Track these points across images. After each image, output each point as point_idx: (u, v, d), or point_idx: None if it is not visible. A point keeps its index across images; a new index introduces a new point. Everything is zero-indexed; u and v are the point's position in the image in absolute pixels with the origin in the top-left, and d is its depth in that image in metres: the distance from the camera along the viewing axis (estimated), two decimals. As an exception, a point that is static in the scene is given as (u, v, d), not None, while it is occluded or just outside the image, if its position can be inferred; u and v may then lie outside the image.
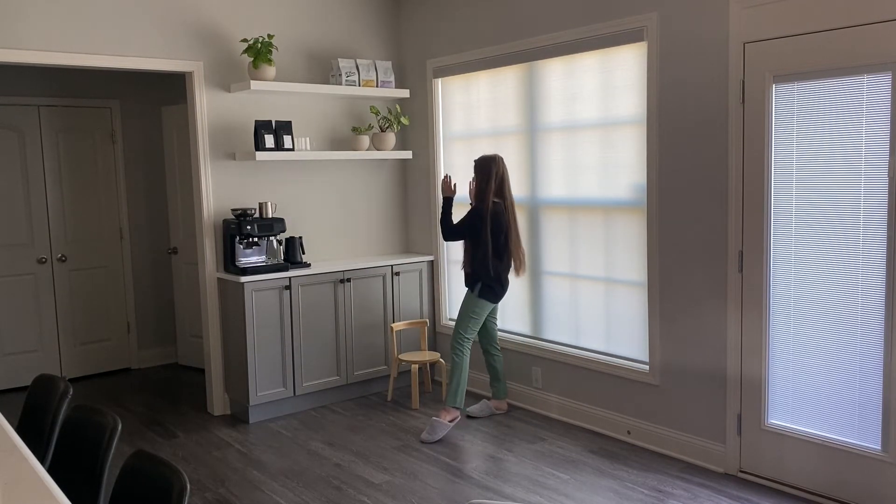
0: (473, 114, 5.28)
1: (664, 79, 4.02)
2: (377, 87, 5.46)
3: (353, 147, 5.50)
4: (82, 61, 4.46)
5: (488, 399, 4.99)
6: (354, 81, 5.33)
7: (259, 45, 4.82)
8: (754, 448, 3.80)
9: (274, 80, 4.97)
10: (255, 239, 4.91)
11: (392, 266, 5.45)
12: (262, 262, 4.98)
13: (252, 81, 4.81)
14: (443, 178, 4.79)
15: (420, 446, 4.41)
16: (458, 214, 4.98)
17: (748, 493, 3.68)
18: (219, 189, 4.99)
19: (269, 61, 4.87)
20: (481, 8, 5.05)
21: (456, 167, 5.45)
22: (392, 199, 5.83)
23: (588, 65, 4.46)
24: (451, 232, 4.62)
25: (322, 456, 4.32)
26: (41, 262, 5.92)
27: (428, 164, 5.64)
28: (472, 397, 5.22)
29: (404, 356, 5.25)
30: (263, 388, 4.90)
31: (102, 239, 6.20)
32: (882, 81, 3.19)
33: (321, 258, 5.47)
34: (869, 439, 3.39)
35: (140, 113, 6.30)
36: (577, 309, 4.71)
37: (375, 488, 3.86)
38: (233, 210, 4.91)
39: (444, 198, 4.69)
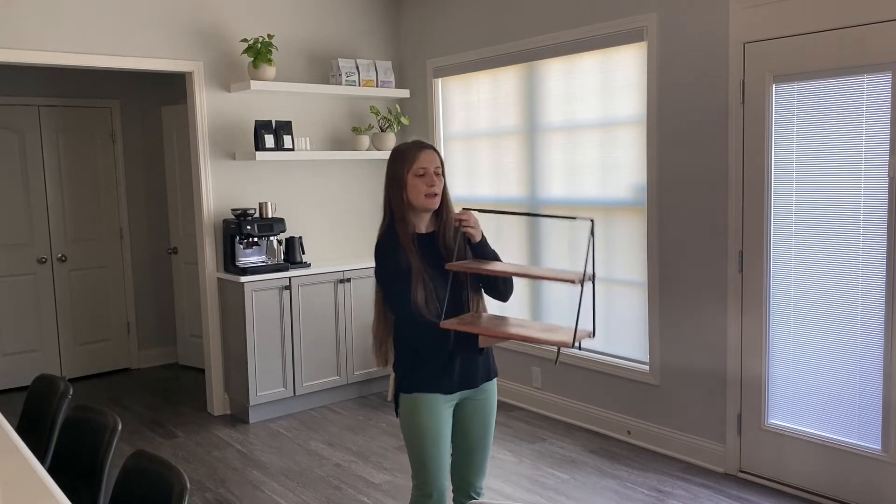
0: (473, 114, 5.28)
1: (664, 79, 4.02)
2: (377, 87, 5.46)
3: (353, 147, 5.50)
4: (82, 61, 4.46)
5: None
6: (354, 81, 5.33)
7: (259, 45, 4.82)
8: (754, 448, 3.80)
9: (274, 80, 4.97)
10: (255, 239, 4.91)
11: (392, 266, 5.45)
12: (262, 262, 4.98)
13: (252, 81, 4.81)
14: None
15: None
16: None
17: (748, 493, 3.67)
18: (219, 189, 4.99)
19: (269, 61, 4.87)
20: (481, 8, 5.04)
21: (456, 167, 5.45)
22: (392, 199, 5.82)
23: (588, 65, 4.46)
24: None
25: (322, 456, 4.32)
26: (41, 262, 5.91)
27: (428, 164, 5.62)
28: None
29: (404, 356, 5.24)
30: (263, 388, 4.90)
31: (102, 239, 6.20)
32: (882, 81, 3.19)
33: (321, 258, 5.47)
34: (869, 439, 3.39)
35: (140, 113, 6.30)
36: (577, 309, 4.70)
37: (375, 488, 3.86)
38: (233, 210, 4.91)
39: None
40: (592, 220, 2.20)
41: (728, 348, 3.85)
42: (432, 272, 2.42)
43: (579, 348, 2.30)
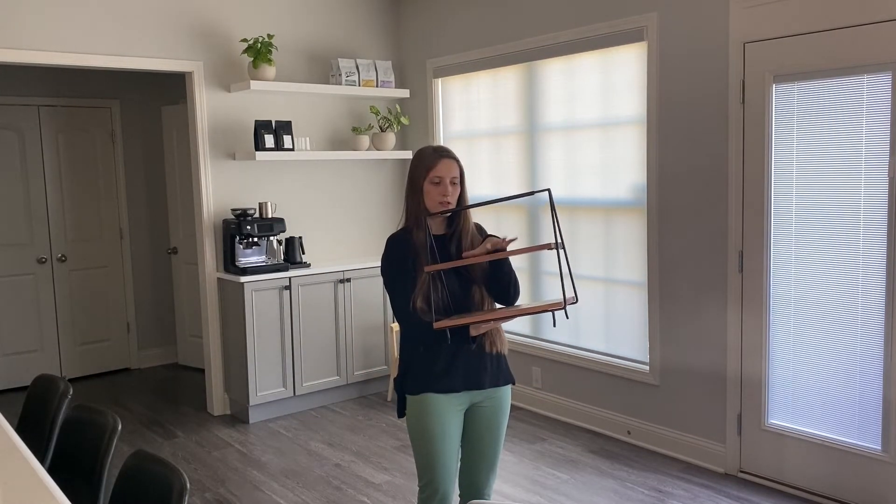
0: (473, 114, 5.28)
1: (664, 78, 4.02)
2: (377, 87, 5.46)
3: (353, 147, 5.50)
4: (82, 61, 4.46)
5: None
6: (354, 81, 5.33)
7: (259, 45, 4.82)
8: (754, 448, 3.80)
9: (274, 80, 4.97)
10: (255, 239, 4.91)
11: (392, 266, 5.45)
12: (262, 262, 4.98)
13: (252, 81, 4.81)
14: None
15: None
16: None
17: (748, 493, 3.67)
18: (219, 189, 4.99)
19: (269, 61, 4.87)
20: (481, 8, 5.04)
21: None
22: (392, 199, 5.82)
23: (588, 65, 4.46)
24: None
25: (322, 456, 4.32)
26: (41, 262, 5.91)
27: (428, 164, 5.63)
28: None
29: (404, 356, 5.24)
30: (263, 388, 4.90)
31: (102, 239, 6.20)
32: (882, 81, 3.19)
33: (321, 258, 5.47)
34: (869, 439, 3.39)
35: (140, 113, 6.30)
36: (578, 309, 4.70)
37: (375, 488, 3.86)
38: (233, 210, 4.91)
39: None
40: (549, 190, 2.24)
41: (728, 348, 3.85)
42: (440, 274, 2.43)
43: (566, 316, 2.35)
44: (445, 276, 2.45)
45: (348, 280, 5.22)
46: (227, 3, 4.98)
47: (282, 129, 5.01)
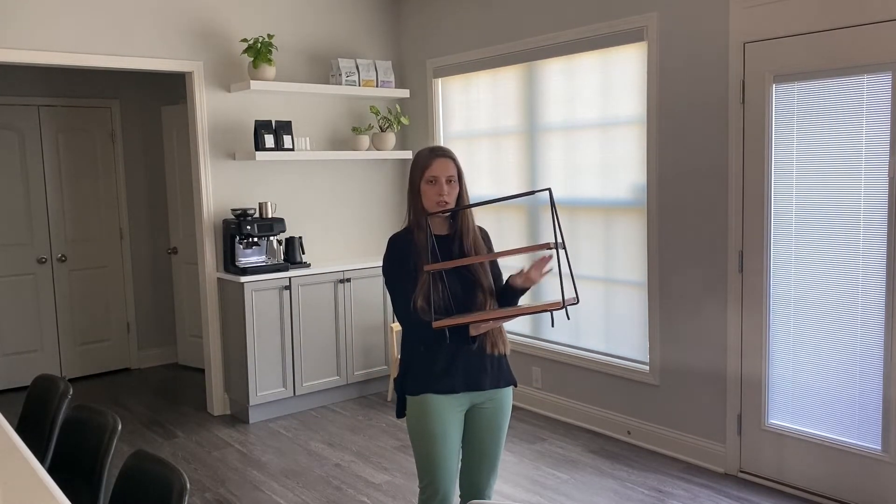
0: (473, 114, 5.28)
1: (664, 79, 4.02)
2: (377, 87, 5.46)
3: (353, 147, 5.50)
4: (82, 61, 4.46)
5: None
6: (354, 81, 5.33)
7: (259, 45, 4.82)
8: (754, 448, 3.80)
9: (274, 80, 4.97)
10: (255, 239, 4.91)
11: (392, 266, 5.44)
12: (262, 262, 4.98)
13: (252, 81, 4.81)
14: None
15: (420, 446, 4.40)
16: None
17: (748, 493, 3.68)
18: (219, 189, 4.99)
19: (269, 61, 4.87)
20: (481, 8, 5.04)
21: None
22: (392, 199, 5.83)
23: (588, 65, 4.46)
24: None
25: (322, 456, 4.32)
26: (41, 262, 5.91)
27: (428, 164, 5.62)
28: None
29: (404, 356, 5.24)
30: (263, 388, 4.90)
31: (102, 239, 6.20)
32: (882, 81, 3.19)
33: (321, 258, 5.47)
34: (869, 439, 3.39)
35: (140, 113, 6.30)
36: (578, 309, 4.70)
37: (375, 488, 3.86)
38: (233, 210, 4.91)
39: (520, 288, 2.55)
40: (550, 189, 2.24)
41: (728, 348, 3.85)
42: (441, 274, 2.43)
43: (567, 316, 2.35)
44: (447, 276, 2.45)
45: (348, 280, 5.22)
46: (227, 3, 4.98)
47: (282, 129, 5.01)
